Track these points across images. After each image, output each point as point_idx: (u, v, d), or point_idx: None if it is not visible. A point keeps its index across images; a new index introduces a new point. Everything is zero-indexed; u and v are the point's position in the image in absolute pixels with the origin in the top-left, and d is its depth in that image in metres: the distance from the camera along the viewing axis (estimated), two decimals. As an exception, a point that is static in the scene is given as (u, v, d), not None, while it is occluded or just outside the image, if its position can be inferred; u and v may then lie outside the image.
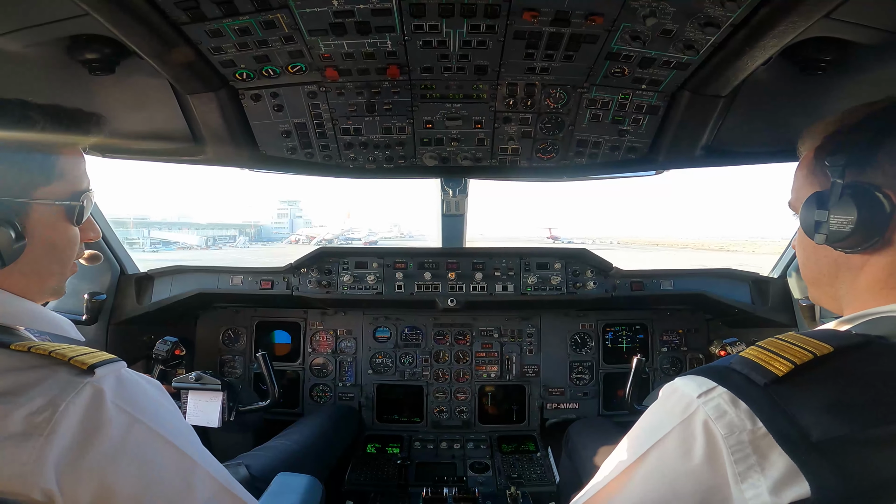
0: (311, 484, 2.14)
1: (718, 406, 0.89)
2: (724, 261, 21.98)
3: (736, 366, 0.92)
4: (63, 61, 1.77)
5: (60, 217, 1.18)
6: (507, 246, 3.71)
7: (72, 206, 1.19)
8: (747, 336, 3.19)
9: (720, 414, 0.88)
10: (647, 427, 1.03)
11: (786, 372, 0.86)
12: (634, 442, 1.05)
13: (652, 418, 1.03)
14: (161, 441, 1.09)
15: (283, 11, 1.58)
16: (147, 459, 1.06)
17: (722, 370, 0.94)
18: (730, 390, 0.89)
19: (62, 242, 1.21)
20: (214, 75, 1.93)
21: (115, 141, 2.41)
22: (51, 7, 1.46)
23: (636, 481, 1.01)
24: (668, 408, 0.98)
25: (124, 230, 60.41)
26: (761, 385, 0.87)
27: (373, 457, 3.26)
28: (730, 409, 0.88)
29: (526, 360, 3.67)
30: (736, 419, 0.87)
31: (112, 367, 1.07)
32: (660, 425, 0.98)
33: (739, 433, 0.86)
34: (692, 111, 2.06)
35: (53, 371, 1.01)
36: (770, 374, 0.87)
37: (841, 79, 1.82)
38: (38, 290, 1.22)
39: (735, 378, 0.91)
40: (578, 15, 1.59)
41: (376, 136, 2.34)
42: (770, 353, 0.90)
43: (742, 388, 0.88)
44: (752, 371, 0.89)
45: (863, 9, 1.41)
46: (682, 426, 0.93)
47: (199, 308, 3.69)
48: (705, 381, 0.93)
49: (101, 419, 1.01)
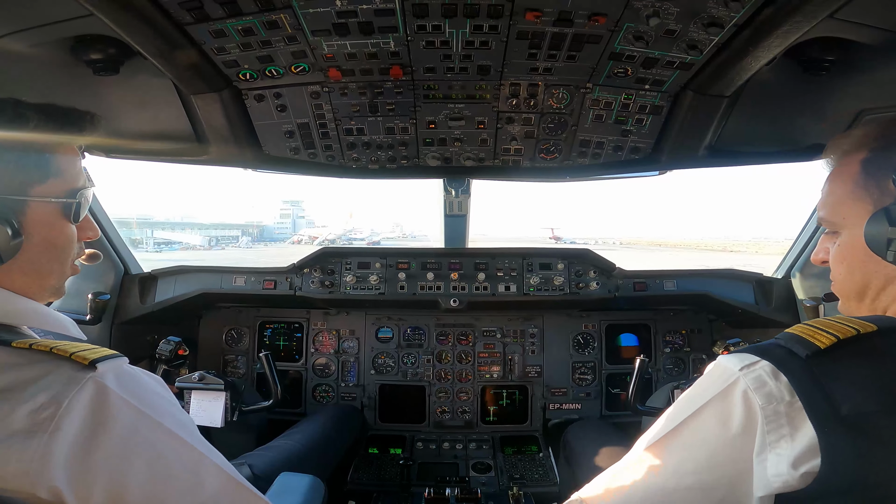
0: (313, 484, 2.14)
1: (759, 377, 0.92)
2: (728, 261, 21.88)
3: (781, 340, 0.96)
4: (68, 61, 1.78)
5: (57, 215, 1.19)
6: (509, 246, 3.70)
7: (68, 203, 1.19)
8: (751, 337, 3.18)
9: (760, 384, 0.91)
10: (686, 399, 1.05)
11: (828, 345, 0.89)
12: (673, 413, 1.07)
13: (693, 391, 1.05)
14: (168, 434, 1.09)
15: (286, 12, 1.58)
16: (156, 453, 1.06)
17: (766, 346, 0.98)
18: (772, 363, 0.93)
19: (60, 240, 1.21)
20: (218, 76, 1.94)
21: (119, 141, 2.42)
22: (55, 7, 1.46)
23: (673, 449, 1.03)
24: (709, 381, 1.02)
25: (128, 230, 60.59)
26: (803, 357, 0.90)
27: (375, 457, 3.26)
28: (770, 380, 0.91)
29: (528, 360, 3.67)
30: (775, 390, 0.90)
31: (114, 362, 1.07)
32: (699, 396, 1.01)
33: (777, 404, 0.89)
34: (696, 111, 2.06)
35: (55, 367, 1.01)
36: (813, 346, 0.90)
37: (845, 79, 1.82)
38: (39, 289, 1.22)
39: (777, 352, 0.94)
40: (581, 15, 1.59)
41: (379, 137, 2.34)
42: (815, 329, 0.94)
43: (784, 361, 0.92)
44: (796, 344, 0.93)
45: (867, 9, 1.40)
46: (721, 395, 0.96)
47: (202, 308, 3.70)
48: (748, 356, 0.97)
49: (106, 414, 1.01)
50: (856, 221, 1.11)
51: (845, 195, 1.14)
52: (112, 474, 1.00)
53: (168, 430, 1.09)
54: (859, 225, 1.09)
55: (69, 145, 1.23)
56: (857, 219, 1.11)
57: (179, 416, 1.15)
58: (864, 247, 1.08)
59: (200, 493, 1.11)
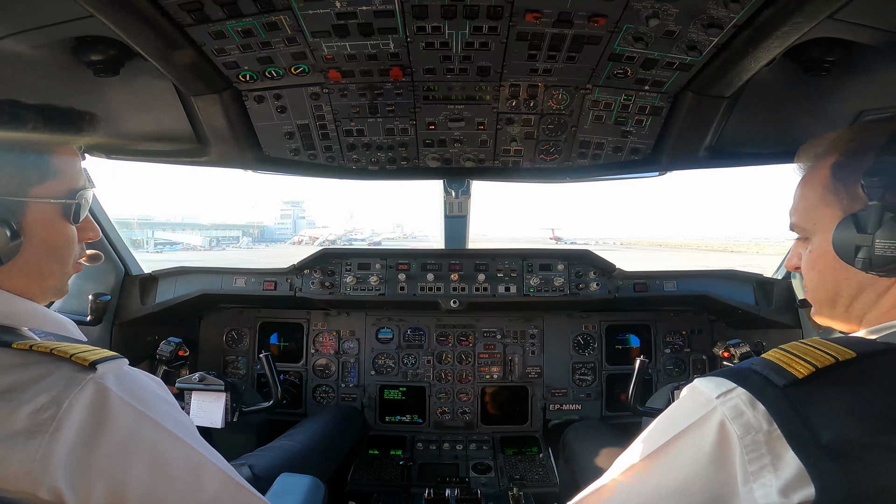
0: (313, 485, 2.14)
1: (736, 406, 0.90)
2: (729, 261, 21.83)
3: (757, 367, 0.94)
4: (69, 63, 1.78)
5: (57, 215, 1.19)
6: (509, 247, 3.71)
7: (68, 204, 1.19)
8: (751, 337, 3.18)
9: (737, 414, 0.90)
10: (664, 424, 1.04)
11: (805, 374, 0.87)
12: (651, 436, 1.06)
13: (670, 415, 1.04)
14: (168, 435, 1.09)
15: (285, 13, 1.58)
16: (156, 453, 1.07)
17: (743, 371, 0.95)
18: (749, 391, 0.90)
19: (60, 241, 1.21)
20: (218, 77, 1.94)
21: (120, 142, 2.43)
22: (56, 9, 1.46)
23: (650, 474, 1.02)
24: (686, 406, 1.00)
25: (128, 230, 60.62)
26: (780, 386, 0.88)
27: (376, 457, 3.26)
28: (747, 409, 0.89)
29: (529, 361, 3.67)
30: (753, 420, 0.88)
31: (114, 363, 1.08)
32: (676, 422, 0.99)
33: (755, 433, 0.87)
34: (695, 112, 2.06)
35: (56, 368, 1.02)
36: (790, 375, 0.88)
37: (845, 80, 1.81)
38: (40, 290, 1.22)
39: (754, 379, 0.92)
40: (581, 16, 1.59)
41: (379, 138, 2.34)
42: (792, 356, 0.92)
43: (761, 389, 0.90)
44: (773, 372, 0.90)
45: (867, 10, 1.40)
46: (697, 424, 0.95)
47: (202, 309, 3.70)
48: (725, 382, 0.94)
49: (107, 414, 1.01)
50: (826, 227, 1.10)
51: (816, 201, 1.13)
52: (112, 474, 1.01)
53: (168, 431, 1.09)
54: (829, 231, 1.08)
55: (68, 146, 1.23)
56: (827, 225, 1.10)
57: (179, 418, 1.15)
58: (834, 253, 1.07)
59: (201, 494, 1.12)
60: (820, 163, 1.15)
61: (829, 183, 1.10)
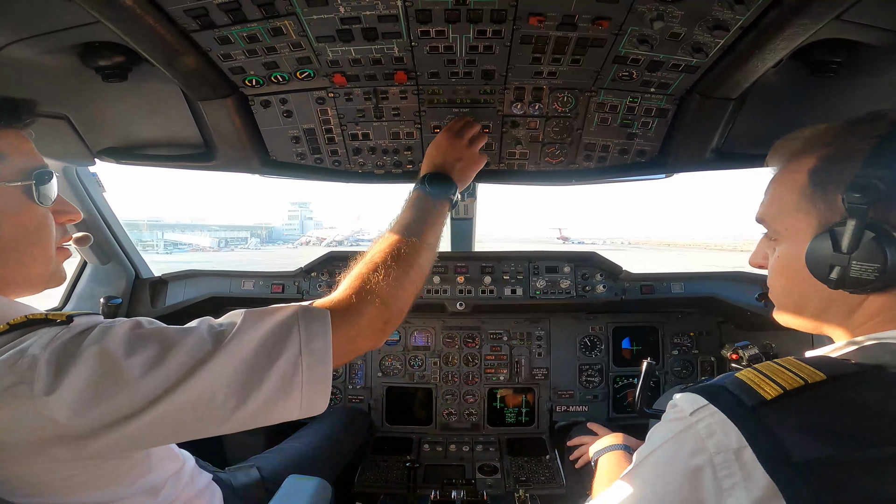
0: (320, 486, 2.16)
1: (709, 425, 0.90)
2: (740, 261, 21.69)
3: (729, 386, 0.93)
4: (77, 69, 1.80)
5: (19, 198, 1.20)
6: (515, 250, 3.70)
7: (27, 185, 1.20)
8: (760, 339, 3.15)
9: (710, 433, 0.89)
10: (649, 438, 1.05)
11: (773, 396, 0.87)
12: (639, 450, 1.06)
13: (654, 430, 1.04)
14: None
15: (290, 18, 1.59)
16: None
17: (716, 389, 0.94)
18: (720, 409, 0.90)
19: (31, 224, 1.22)
20: (224, 82, 1.96)
21: (129, 147, 2.46)
22: (64, 15, 1.48)
23: (633, 486, 1.02)
24: (666, 422, 1.00)
25: (138, 232, 61.12)
26: (749, 406, 0.87)
27: (382, 459, 3.27)
28: (719, 427, 0.89)
29: (535, 362, 3.66)
30: (724, 438, 0.87)
31: (90, 317, 1.12)
32: (657, 437, 1.00)
33: (726, 451, 0.87)
34: (702, 114, 2.04)
35: (37, 328, 1.07)
36: (758, 396, 0.88)
37: (852, 81, 1.80)
38: (25, 279, 1.24)
39: (726, 398, 0.91)
40: (585, 19, 1.59)
41: (384, 142, 2.35)
42: (763, 377, 0.91)
43: (732, 408, 0.89)
44: (743, 392, 0.90)
45: (874, 10, 1.38)
46: (673, 440, 0.95)
47: (211, 311, 3.71)
48: (698, 399, 0.94)
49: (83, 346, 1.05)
50: (799, 236, 1.06)
51: (790, 205, 1.08)
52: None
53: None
54: (802, 240, 1.04)
55: (10, 130, 1.22)
56: (800, 233, 1.06)
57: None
58: (805, 264, 1.03)
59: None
60: (796, 164, 1.09)
61: (807, 189, 1.05)
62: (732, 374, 0.96)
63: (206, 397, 1.08)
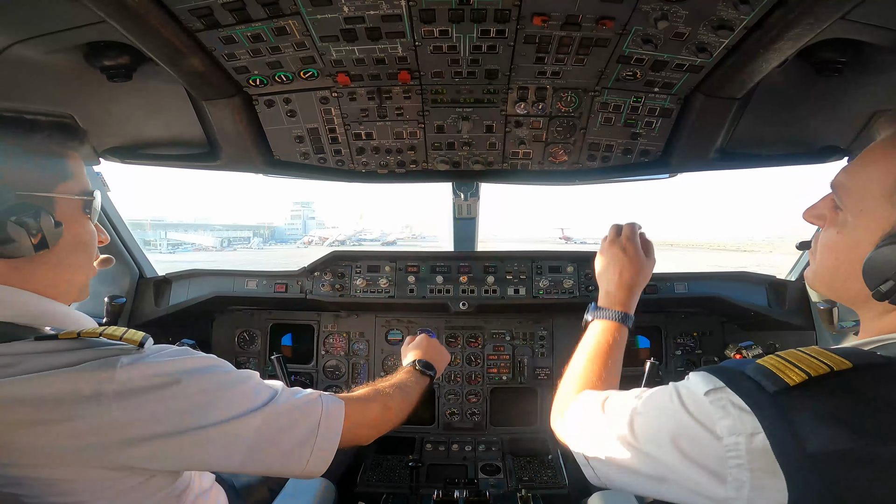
0: (323, 486, 2.16)
1: (724, 407, 0.89)
2: (742, 261, 21.56)
3: (750, 372, 0.91)
4: (82, 68, 1.81)
5: (79, 213, 1.31)
6: (518, 249, 3.69)
7: (87, 200, 1.33)
8: (763, 339, 3.14)
9: (724, 415, 0.88)
10: (655, 404, 1.06)
11: (798, 382, 0.84)
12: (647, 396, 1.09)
13: (660, 399, 1.04)
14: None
15: (294, 18, 1.59)
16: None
17: (735, 373, 0.92)
18: (738, 394, 0.88)
19: (85, 235, 1.34)
20: (229, 82, 1.96)
21: (134, 147, 2.47)
22: (69, 14, 1.48)
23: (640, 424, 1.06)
24: (677, 396, 0.99)
25: (141, 232, 61.30)
26: (770, 392, 0.85)
27: (385, 459, 3.27)
28: (734, 411, 0.87)
29: (538, 362, 3.66)
30: (738, 422, 0.86)
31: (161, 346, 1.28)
32: (664, 409, 1.00)
33: (738, 436, 0.86)
34: (706, 114, 2.04)
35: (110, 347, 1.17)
36: (781, 382, 0.85)
37: (858, 80, 1.79)
38: (68, 286, 1.33)
39: (746, 384, 0.89)
40: (589, 19, 1.58)
41: (388, 141, 2.35)
42: (787, 363, 0.88)
43: (751, 394, 0.87)
44: (765, 378, 0.87)
45: (879, 10, 1.38)
46: (683, 418, 0.95)
47: (215, 311, 3.74)
48: (714, 380, 0.93)
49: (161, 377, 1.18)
50: (870, 226, 0.97)
51: (881, 188, 0.96)
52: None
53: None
54: (871, 233, 0.96)
55: (76, 151, 1.36)
56: (872, 224, 0.97)
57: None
58: (861, 259, 0.97)
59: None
60: None
61: None
62: (753, 361, 0.92)
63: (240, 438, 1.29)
